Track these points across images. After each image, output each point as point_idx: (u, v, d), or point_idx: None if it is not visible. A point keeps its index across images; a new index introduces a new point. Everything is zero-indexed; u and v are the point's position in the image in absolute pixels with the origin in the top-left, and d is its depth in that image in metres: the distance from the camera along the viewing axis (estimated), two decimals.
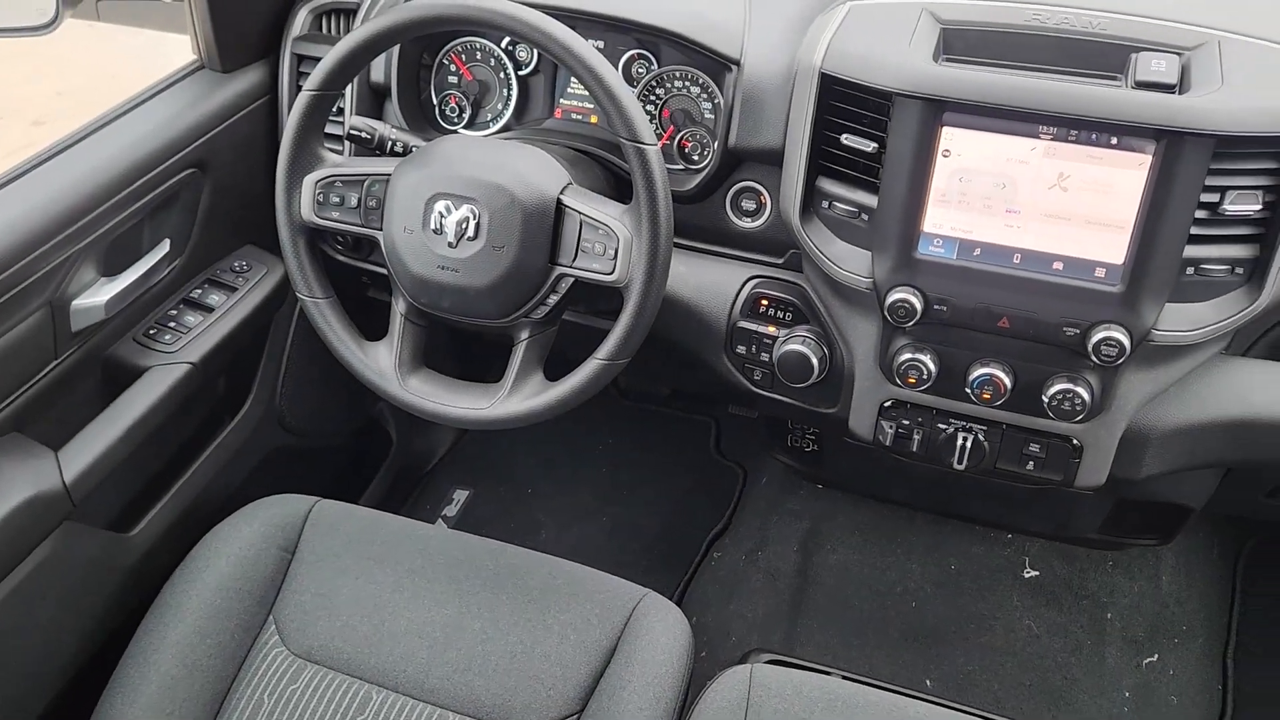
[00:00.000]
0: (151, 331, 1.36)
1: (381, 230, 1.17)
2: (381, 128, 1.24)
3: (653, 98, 1.33)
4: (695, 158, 1.33)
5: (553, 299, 1.16)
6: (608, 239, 1.11)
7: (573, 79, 1.38)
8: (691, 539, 1.98)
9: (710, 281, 1.32)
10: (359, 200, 1.18)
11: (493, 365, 1.32)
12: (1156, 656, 1.71)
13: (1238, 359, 1.19)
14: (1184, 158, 1.01)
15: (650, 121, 1.24)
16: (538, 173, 1.13)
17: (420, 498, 2.08)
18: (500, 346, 1.26)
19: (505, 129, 1.40)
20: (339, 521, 1.32)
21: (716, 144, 1.28)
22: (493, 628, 1.21)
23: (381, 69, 1.36)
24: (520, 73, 1.39)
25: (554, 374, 1.19)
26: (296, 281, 1.23)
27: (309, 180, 1.18)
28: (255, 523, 1.30)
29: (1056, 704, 1.64)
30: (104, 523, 1.33)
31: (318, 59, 1.29)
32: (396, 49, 1.34)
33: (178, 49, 1.46)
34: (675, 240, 1.12)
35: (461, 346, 1.94)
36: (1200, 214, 1.05)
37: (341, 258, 1.48)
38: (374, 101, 1.40)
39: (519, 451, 2.16)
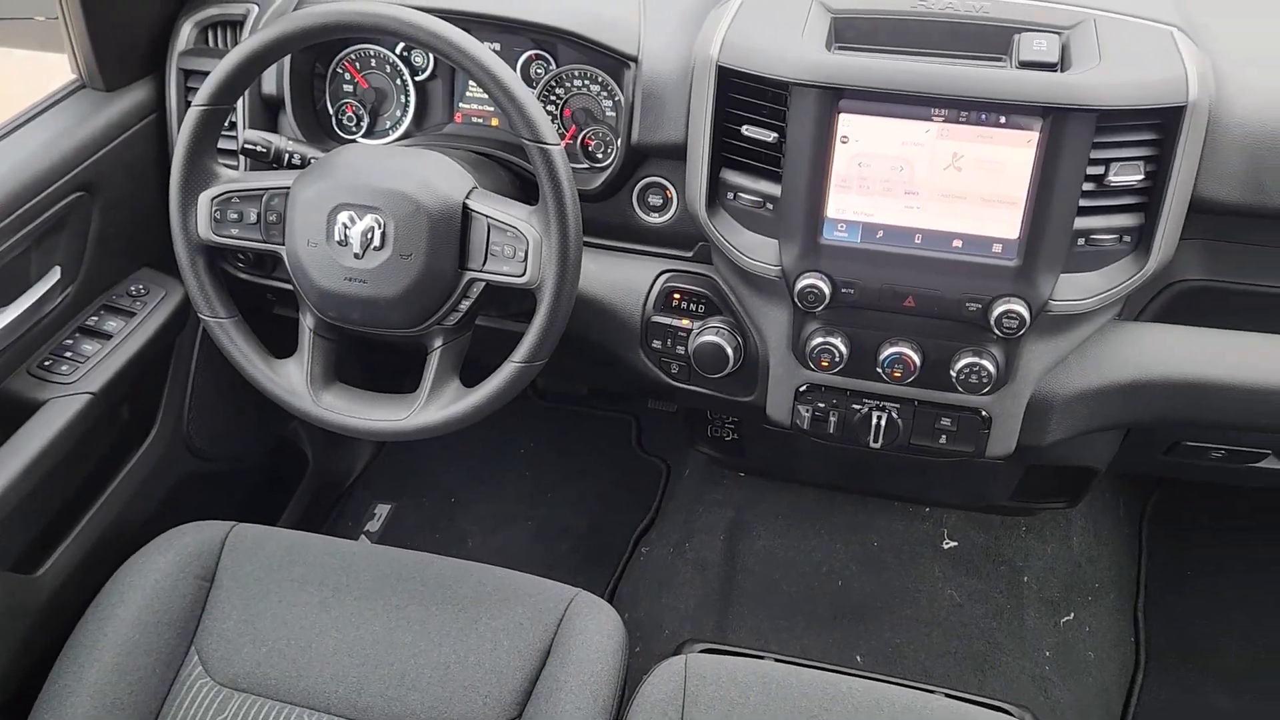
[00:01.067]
0: (47, 363, 1.31)
1: (284, 245, 1.15)
2: (277, 140, 1.21)
3: (553, 98, 1.33)
4: (599, 156, 1.33)
5: (465, 305, 1.15)
6: (516, 241, 1.10)
7: (471, 82, 1.37)
8: (618, 536, 1.99)
9: (622, 278, 1.32)
10: (258, 215, 1.15)
11: (408, 375, 1.31)
12: (1073, 615, 1.77)
13: (1131, 323, 1.25)
14: (1069, 133, 1.05)
15: (552, 121, 1.24)
16: (442, 178, 1.12)
17: (341, 515, 2.04)
18: (415, 356, 1.24)
19: (405, 136, 1.39)
20: (258, 545, 1.29)
21: (619, 141, 1.28)
22: (424, 640, 1.19)
23: (273, 80, 1.33)
24: (417, 78, 1.37)
25: (470, 380, 1.18)
26: (198, 302, 1.19)
27: (204, 197, 1.15)
28: (170, 553, 1.26)
29: (982, 668, 1.69)
30: (7, 565, 1.28)
31: (205, 73, 1.25)
32: (288, 59, 1.31)
33: (60, 68, 1.41)
34: (585, 239, 1.12)
35: (375, 358, 1.92)
36: (1087, 186, 1.09)
37: (244, 275, 1.44)
38: (268, 114, 1.37)
39: (440, 461, 2.13)
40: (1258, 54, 1.15)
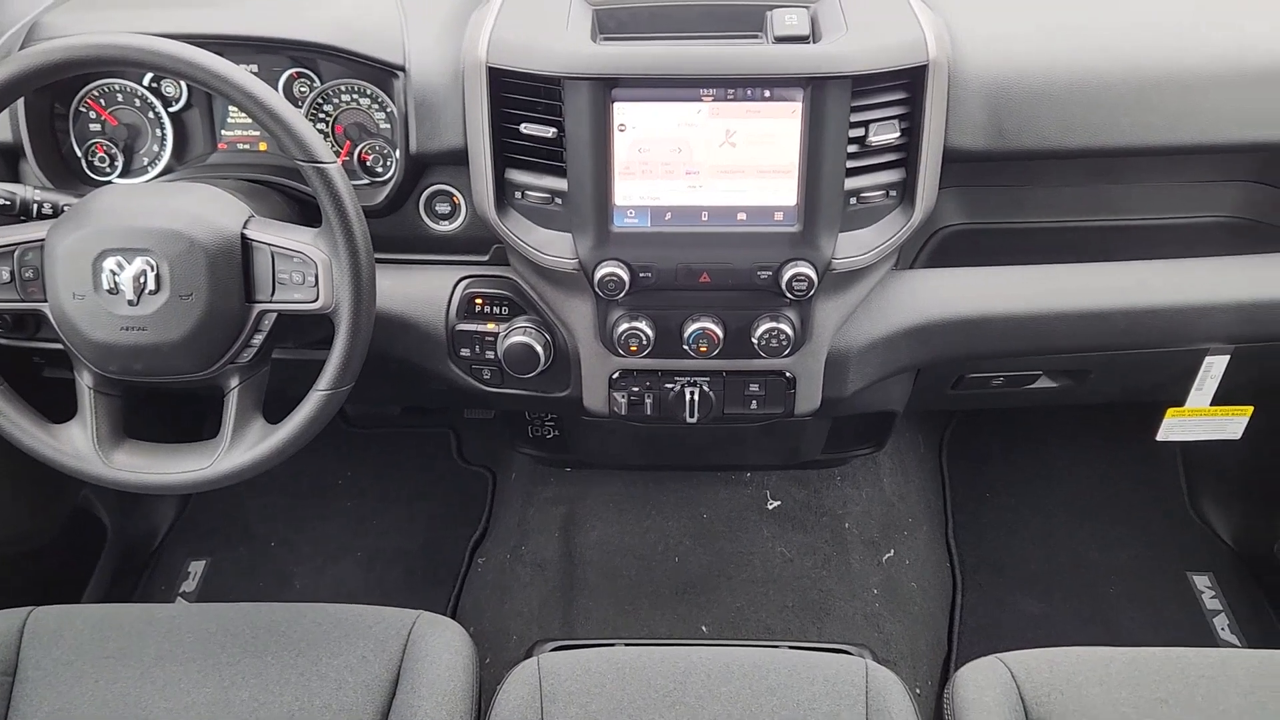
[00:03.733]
0: None
1: (46, 301, 1.06)
2: (21, 191, 1.12)
3: (322, 115, 1.28)
4: (379, 170, 1.30)
5: (258, 339, 1.10)
6: (304, 266, 1.07)
7: (232, 108, 1.30)
8: (453, 551, 1.96)
9: (421, 290, 1.30)
10: (11, 274, 1.06)
11: (207, 421, 1.24)
12: (893, 551, 1.88)
13: (907, 272, 1.33)
14: (828, 100, 1.11)
15: (325, 139, 1.20)
16: (214, 210, 1.07)
17: (152, 580, 1.92)
18: (212, 400, 1.18)
19: (167, 171, 1.31)
20: (61, 627, 1.19)
21: (398, 152, 1.26)
22: (263, 693, 1.14)
23: (7, 126, 1.23)
24: (171, 109, 1.30)
25: (275, 416, 1.13)
26: None
27: None
28: None
29: (819, 616, 1.77)
30: None
31: None
32: (20, 102, 1.21)
33: None
34: (376, 255, 1.09)
35: (167, 408, 1.80)
36: (851, 148, 1.15)
37: (3, 340, 1.32)
38: (6, 164, 1.26)
39: (253, 506, 2.03)
40: (983, 12, 1.25)
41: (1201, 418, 1.49)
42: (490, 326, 1.30)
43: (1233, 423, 1.51)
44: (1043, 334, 1.32)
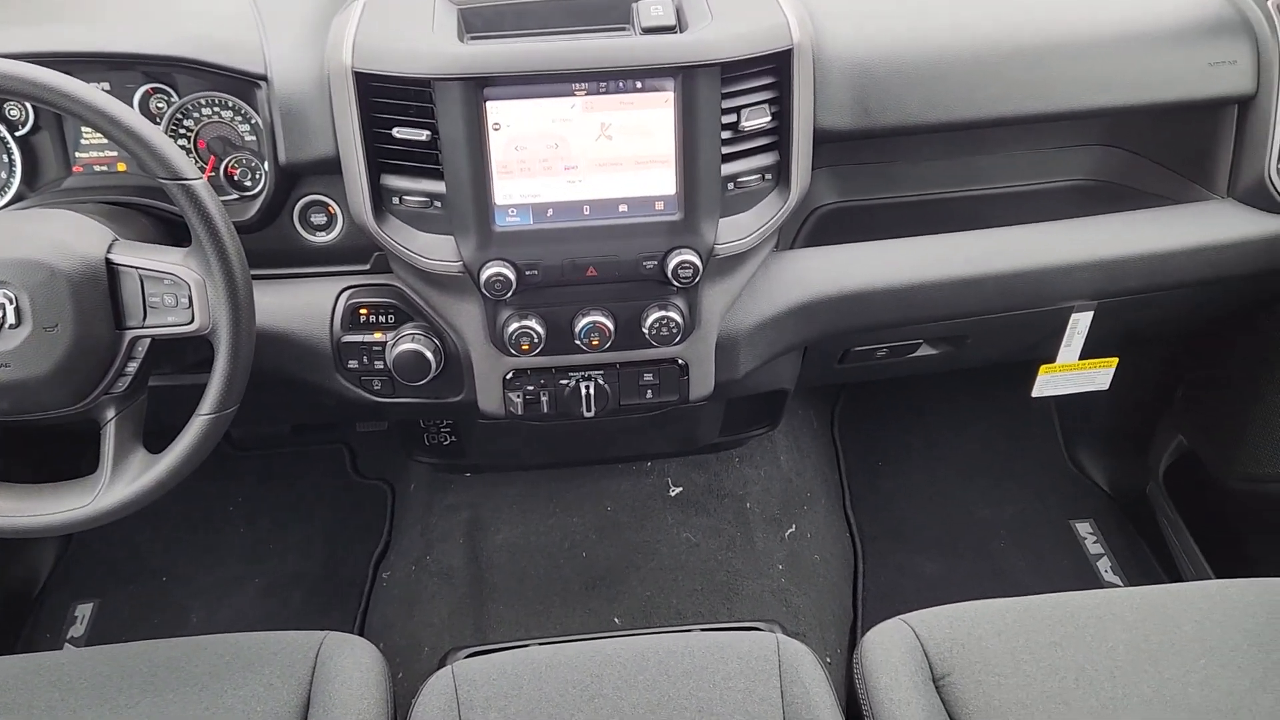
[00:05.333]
0: None
1: None
2: None
3: (182, 130, 1.24)
4: (248, 183, 1.26)
5: (132, 367, 1.06)
6: (176, 288, 1.03)
7: (85, 128, 1.25)
8: (356, 568, 1.92)
9: (302, 304, 1.27)
10: None
11: (84, 457, 1.18)
12: (794, 527, 1.93)
13: (788, 252, 1.36)
14: (699, 88, 1.13)
15: (187, 155, 1.16)
16: (74, 236, 1.02)
17: (35, 627, 1.82)
18: (88, 434, 1.13)
19: (18, 199, 1.24)
20: None
21: (267, 165, 1.22)
22: None
23: None
24: (18, 134, 1.23)
25: (157, 446, 1.09)
26: None
27: None
28: None
29: (728, 597, 1.80)
30: None
31: None
32: None
33: None
34: (253, 271, 1.06)
35: (38, 446, 1.72)
36: (725, 135, 1.17)
37: None
38: None
39: (141, 541, 1.95)
40: None
41: (1072, 372, 1.56)
42: (377, 336, 1.28)
43: (1100, 374, 1.59)
44: (919, 303, 1.37)
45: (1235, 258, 1.41)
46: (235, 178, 1.26)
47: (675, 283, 1.20)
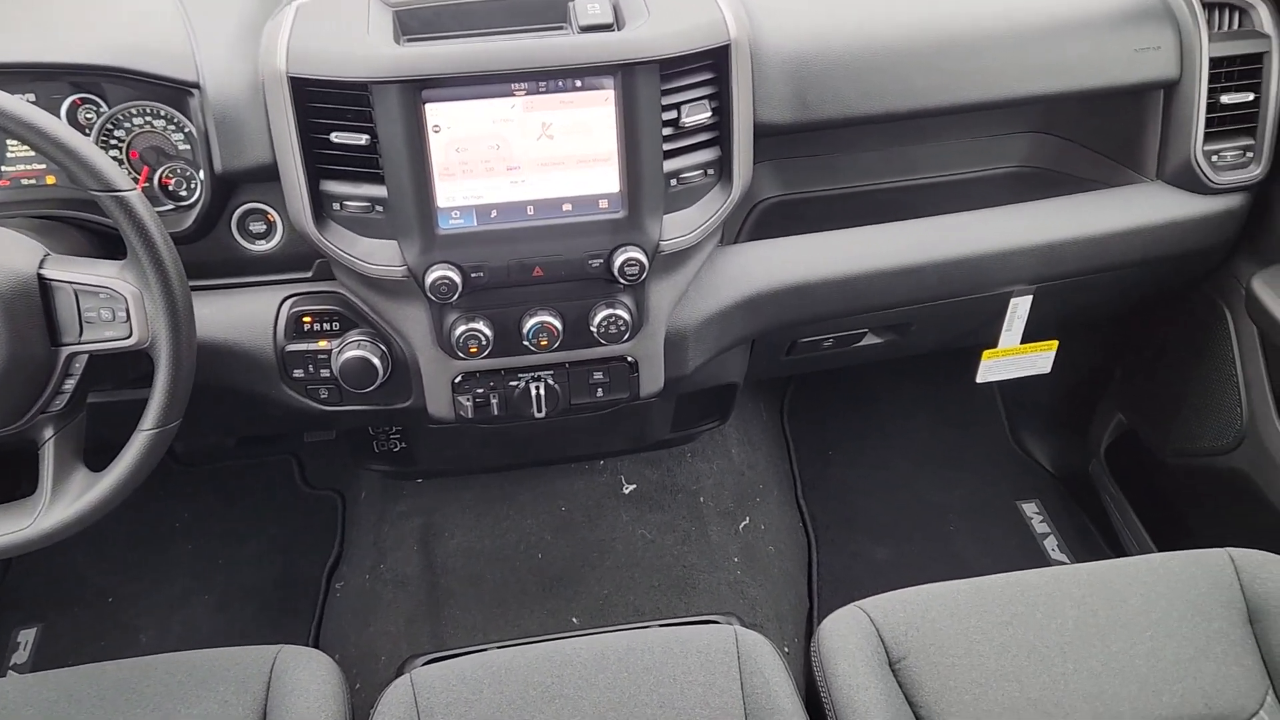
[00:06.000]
0: None
1: None
2: None
3: (113, 141, 1.21)
4: (183, 193, 1.23)
5: (70, 384, 1.03)
6: (113, 301, 1.01)
7: (11, 141, 1.21)
8: (309, 580, 1.90)
9: (244, 315, 1.25)
10: None
11: (23, 478, 1.15)
12: (748, 519, 1.94)
13: (733, 246, 1.37)
14: (639, 85, 1.13)
15: (120, 166, 1.14)
16: (2, 252, 0.99)
17: None
18: (26, 455, 1.10)
19: None
20: None
21: (202, 174, 1.20)
22: None
23: None
24: None
25: (99, 464, 1.07)
26: None
27: None
28: None
29: (685, 591, 1.81)
30: None
31: None
32: None
33: None
34: (191, 283, 1.04)
35: None
36: (667, 131, 1.18)
37: None
38: None
39: (85, 562, 1.91)
40: None
41: (1014, 356, 1.59)
42: (322, 344, 1.26)
43: (1042, 358, 1.62)
44: (863, 293, 1.39)
45: (1165, 238, 1.44)
46: (170, 188, 1.23)
47: (622, 280, 1.20)
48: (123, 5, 1.23)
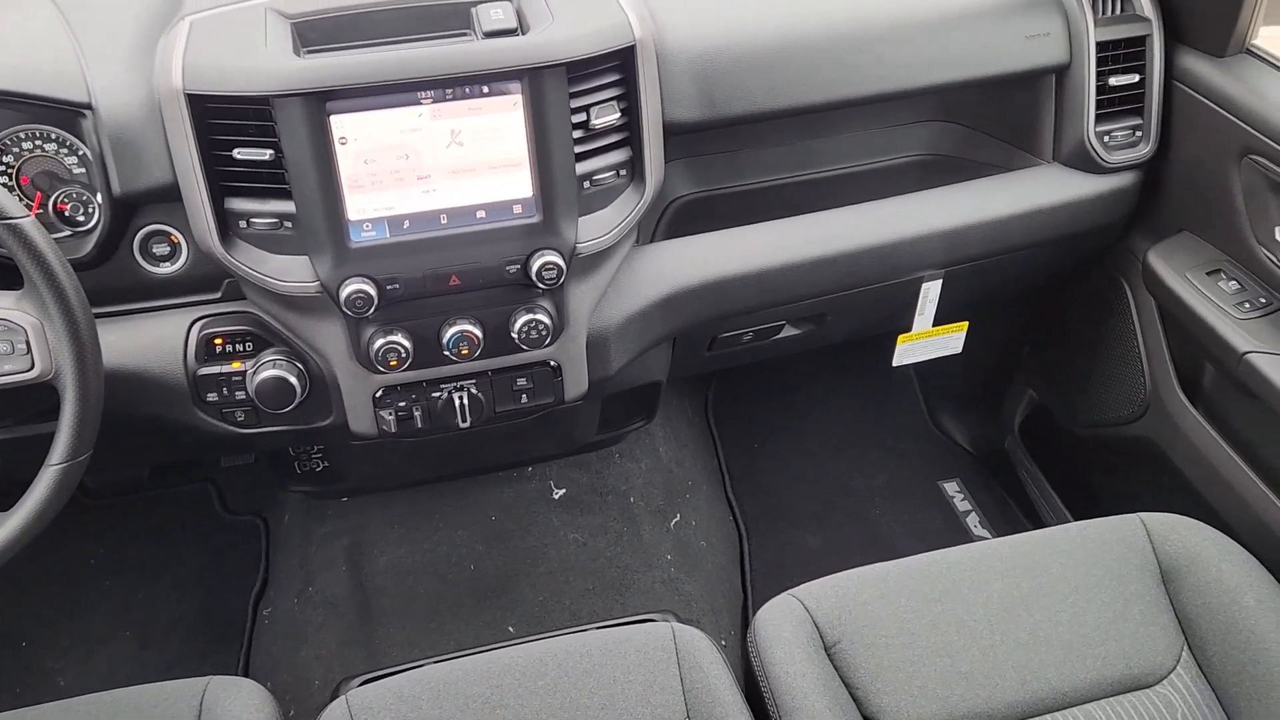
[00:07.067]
0: None
1: None
2: None
3: (2, 167, 1.16)
4: (80, 218, 1.19)
5: None
6: (11, 334, 0.97)
7: None
8: (235, 609, 1.85)
9: (151, 340, 1.21)
10: None
11: None
12: (679, 516, 1.95)
13: (649, 245, 1.38)
14: (546, 89, 1.13)
15: (10, 193, 1.09)
16: None
17: None
18: None
19: None
20: None
21: (100, 197, 1.16)
22: None
23: None
24: None
25: (4, 503, 1.02)
26: None
27: None
28: None
29: (620, 592, 1.81)
30: None
31: None
32: None
33: None
34: (95, 310, 1.01)
35: None
36: (577, 134, 1.18)
37: None
38: None
39: None
40: None
41: (927, 339, 1.63)
42: (235, 366, 1.23)
43: (953, 339, 1.66)
44: (778, 285, 1.41)
45: (1065, 218, 1.49)
46: (66, 213, 1.18)
47: (540, 285, 1.20)
48: (4, 27, 1.19)
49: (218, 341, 1.23)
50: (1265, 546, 1.30)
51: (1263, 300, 1.38)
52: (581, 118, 1.18)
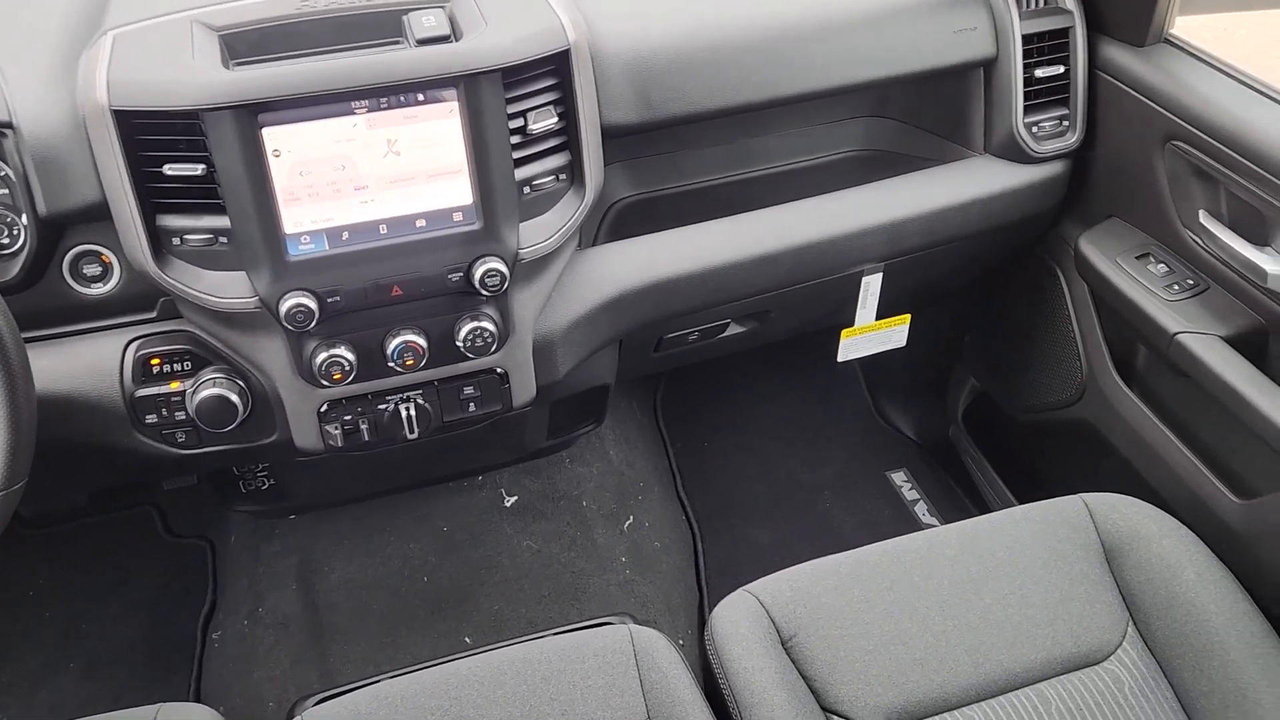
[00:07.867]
0: None
1: None
2: None
3: None
4: (5, 241, 1.16)
5: None
6: None
7: None
8: (183, 634, 1.81)
9: (85, 363, 1.18)
10: None
11: None
12: (632, 518, 1.95)
13: (592, 249, 1.38)
14: (483, 95, 1.13)
15: None
16: None
17: None
18: None
19: None
20: None
21: (25, 218, 1.13)
22: None
23: None
24: None
25: None
26: None
27: None
28: None
29: (577, 597, 1.81)
30: None
31: None
32: None
33: None
34: (24, 334, 0.98)
35: None
36: (515, 139, 1.17)
37: None
38: None
39: None
40: None
41: (871, 333, 1.65)
42: (174, 386, 1.21)
43: (897, 332, 1.69)
44: (720, 284, 1.42)
45: (998, 208, 1.52)
46: None
47: (484, 292, 1.19)
48: None
49: (155, 362, 1.20)
50: (1201, 521, 1.34)
51: (1190, 282, 1.42)
52: (519, 123, 1.17)
